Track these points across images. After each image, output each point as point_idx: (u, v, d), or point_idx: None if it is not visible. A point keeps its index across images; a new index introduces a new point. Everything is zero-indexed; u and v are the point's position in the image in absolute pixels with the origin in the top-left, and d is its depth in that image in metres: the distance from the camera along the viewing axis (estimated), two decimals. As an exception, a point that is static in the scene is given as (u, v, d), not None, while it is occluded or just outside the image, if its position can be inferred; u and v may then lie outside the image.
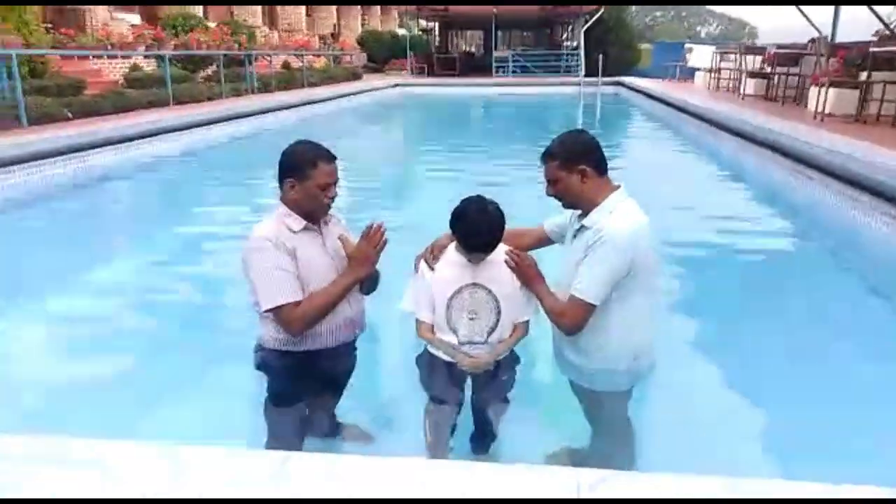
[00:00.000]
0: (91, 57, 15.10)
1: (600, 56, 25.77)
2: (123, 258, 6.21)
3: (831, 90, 10.40)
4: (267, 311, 2.54)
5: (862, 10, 13.91)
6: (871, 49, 10.24)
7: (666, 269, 5.39)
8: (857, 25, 15.05)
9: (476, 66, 32.01)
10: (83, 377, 3.83)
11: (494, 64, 29.47)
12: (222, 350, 4.07)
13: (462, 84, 26.96)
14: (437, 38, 37.58)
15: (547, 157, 2.54)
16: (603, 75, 25.42)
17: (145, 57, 15.73)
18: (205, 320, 4.71)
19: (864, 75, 10.23)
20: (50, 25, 14.28)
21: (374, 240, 2.64)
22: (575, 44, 30.94)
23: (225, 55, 16.47)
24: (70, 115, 10.79)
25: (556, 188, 2.53)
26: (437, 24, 37.22)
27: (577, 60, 28.89)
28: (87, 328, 4.55)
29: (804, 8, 15.32)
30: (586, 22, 29.03)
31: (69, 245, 6.51)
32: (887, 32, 13.53)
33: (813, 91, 11.12)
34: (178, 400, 3.56)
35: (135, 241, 6.86)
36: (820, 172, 7.86)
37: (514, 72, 29.30)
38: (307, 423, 2.84)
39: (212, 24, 19.20)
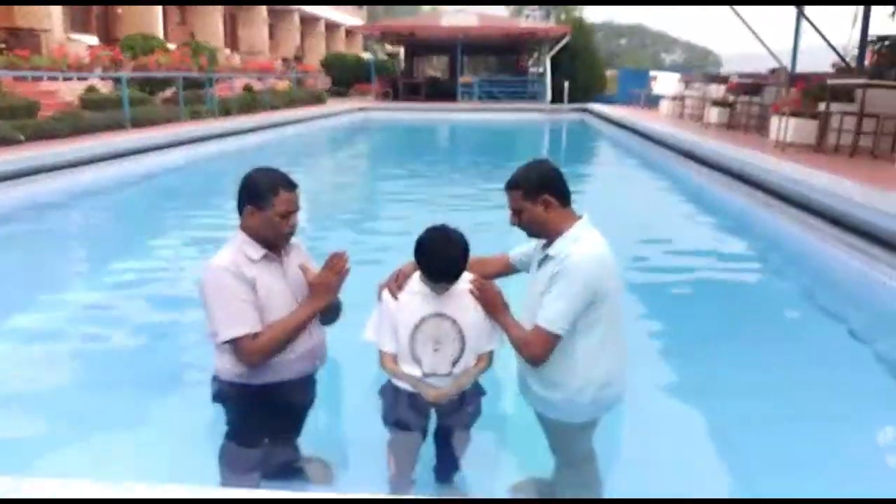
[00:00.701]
0: (45, 78, 14.81)
1: (566, 83, 26.11)
2: (75, 286, 6.04)
3: (791, 120, 10.62)
4: (224, 342, 2.48)
5: (819, 41, 14.33)
6: (829, 81, 10.49)
7: (631, 297, 5.38)
8: (816, 56, 15.51)
9: (442, 92, 32.18)
10: (33, 414, 3.68)
11: (460, 89, 29.69)
12: (177, 382, 3.98)
13: (427, 109, 27.04)
14: (403, 63, 37.80)
15: (511, 187, 2.55)
16: (569, 102, 25.77)
17: (102, 78, 15.47)
18: (160, 350, 4.56)
19: (822, 106, 10.46)
20: (3, 46, 14.00)
21: (336, 268, 2.60)
22: (541, 70, 31.33)
23: (185, 77, 16.28)
24: (22, 137, 10.50)
25: (520, 218, 2.55)
26: (402, 48, 37.46)
27: (543, 87, 29.20)
28: (37, 358, 4.40)
29: (765, 39, 15.75)
30: (552, 48, 29.42)
31: (21, 272, 6.28)
32: (843, 65, 13.96)
33: (774, 120, 11.34)
34: (132, 435, 3.43)
35: (87, 269, 6.68)
36: (779, 200, 7.97)
37: (480, 97, 29.54)
38: (266, 457, 2.74)
39: (172, 46, 19.01)
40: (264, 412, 2.63)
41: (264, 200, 2.51)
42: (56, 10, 17.80)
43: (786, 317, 5.53)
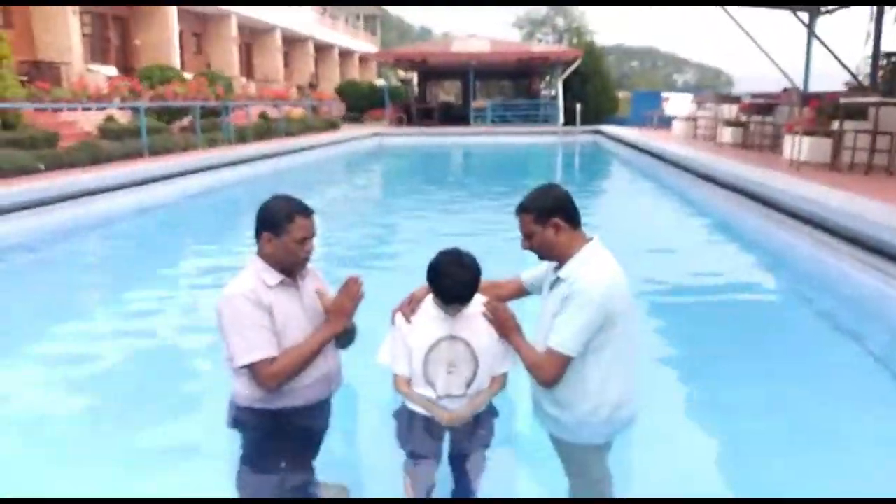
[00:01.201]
0: (65, 109, 15.07)
1: (578, 105, 26.21)
2: (93, 313, 6.11)
3: (805, 139, 10.61)
4: (241, 366, 2.49)
5: (831, 60, 14.33)
6: (842, 99, 10.49)
7: (644, 318, 5.37)
8: (828, 75, 15.51)
9: (454, 116, 32.40)
10: (52, 438, 3.73)
11: (473, 114, 29.85)
12: (195, 407, 4.00)
13: (441, 134, 27.21)
14: (416, 89, 38.12)
15: (521, 211, 2.58)
16: (581, 124, 25.84)
17: (121, 108, 15.73)
18: (178, 376, 4.58)
19: (836, 124, 10.45)
20: (25, 78, 14.28)
21: (351, 293, 2.62)
22: (553, 93, 31.48)
23: (201, 106, 16.51)
24: (42, 167, 10.68)
25: (531, 241, 2.57)
26: (415, 74, 37.81)
27: (555, 110, 29.33)
28: (54, 384, 4.44)
29: (777, 59, 15.77)
30: (564, 72, 29.59)
31: (46, 298, 6.37)
32: (856, 83, 13.94)
33: (788, 139, 11.34)
34: (148, 461, 3.46)
35: (105, 296, 6.73)
36: (794, 218, 7.93)
37: (493, 121, 29.68)
38: (282, 482, 2.72)
39: (189, 76, 19.31)
40: (281, 437, 2.63)
41: (281, 227, 2.54)
42: (76, 43, 18.18)
43: (799, 335, 5.49)
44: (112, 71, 19.99)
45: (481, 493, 2.84)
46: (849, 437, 3.73)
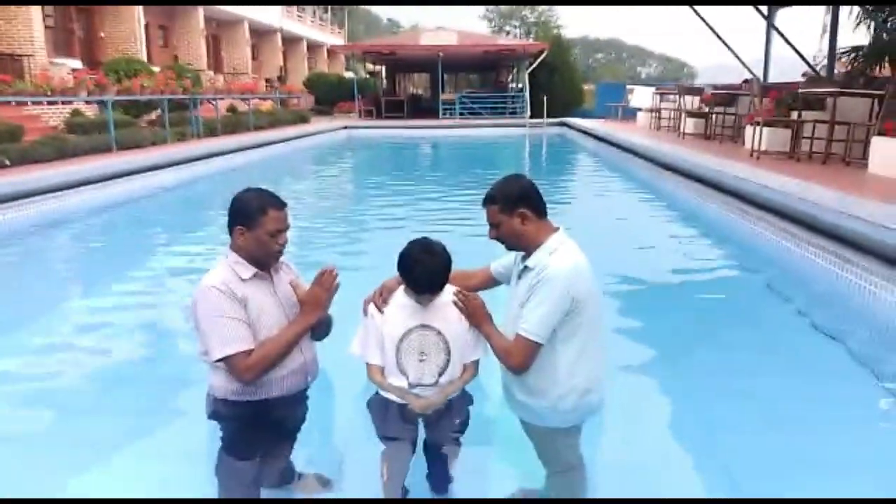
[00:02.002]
0: (29, 103, 14.80)
1: (545, 97, 26.38)
2: (64, 310, 6.04)
3: (765, 129, 10.84)
4: (217, 360, 2.51)
5: (789, 51, 14.62)
6: (800, 90, 10.74)
7: (611, 305, 5.50)
8: (787, 66, 15.82)
9: (423, 109, 32.41)
10: (28, 433, 3.72)
11: (441, 106, 29.87)
12: (171, 400, 4.01)
13: (410, 126, 27.17)
14: (385, 81, 37.99)
15: (487, 201, 2.61)
16: (548, 116, 26.00)
17: (87, 102, 15.48)
18: (152, 371, 4.60)
19: (795, 115, 10.70)
20: (-14, 71, 14.01)
21: (325, 284, 2.64)
22: (520, 86, 31.61)
23: (169, 100, 16.33)
24: (7, 162, 10.53)
25: (498, 231, 2.61)
26: (384, 67, 37.66)
27: (523, 102, 29.47)
28: (27, 380, 4.43)
29: (738, 50, 16.04)
30: (531, 64, 29.72)
31: (11, 296, 6.31)
32: (813, 74, 14.25)
33: (748, 130, 11.56)
34: (127, 454, 3.47)
35: (75, 292, 6.68)
36: (755, 207, 8.14)
37: (461, 114, 29.72)
38: (261, 472, 2.78)
39: (156, 69, 19.06)
40: (259, 428, 2.66)
41: (254, 220, 2.54)
42: (38, 35, 17.80)
43: (763, 320, 5.64)
44: (77, 64, 19.62)
45: (456, 480, 2.90)
46: (818, 421, 3.84)
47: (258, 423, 2.65)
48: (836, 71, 13.89)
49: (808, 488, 3.08)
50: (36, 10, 17.76)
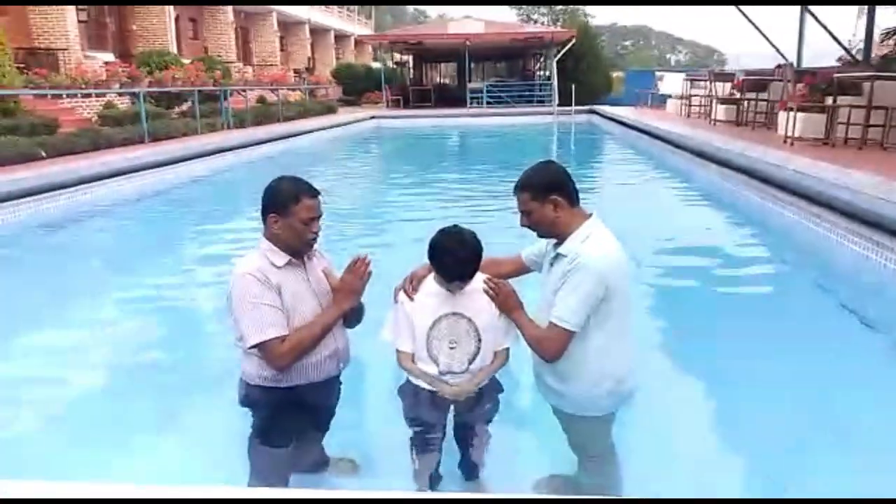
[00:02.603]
0: (64, 96, 15.05)
1: (573, 85, 26.17)
2: (99, 298, 6.14)
3: (799, 115, 10.65)
4: (252, 346, 2.53)
5: (825, 36, 14.33)
6: (835, 75, 10.53)
7: (643, 292, 5.46)
8: (820, 51, 15.49)
9: (451, 98, 32.30)
10: (64, 419, 3.80)
11: (469, 95, 29.77)
12: (205, 387, 4.06)
13: (437, 115, 27.15)
14: (412, 71, 37.96)
15: (519, 189, 2.59)
16: (576, 104, 25.79)
17: (119, 94, 15.69)
18: (187, 357, 4.67)
19: (830, 100, 10.50)
20: (23, 66, 14.26)
21: (359, 272, 2.65)
22: (547, 74, 31.39)
23: (200, 91, 16.50)
24: (44, 153, 10.73)
25: (529, 219, 2.59)
26: (411, 56, 37.62)
27: (550, 90, 29.25)
28: (64, 367, 4.52)
29: (770, 35, 15.75)
30: (558, 52, 29.48)
31: (47, 283, 6.43)
32: (850, 59, 13.95)
33: (782, 116, 11.37)
34: (161, 440, 3.53)
35: (111, 281, 6.78)
36: (792, 194, 8.02)
37: (488, 102, 29.61)
38: (293, 458, 2.81)
39: (186, 61, 19.26)
40: (291, 414, 2.68)
41: (287, 208, 2.56)
42: (73, 29, 18.06)
43: (797, 309, 5.56)
44: (109, 57, 19.89)
45: (486, 466, 2.89)
46: (851, 413, 3.76)
47: (290, 409, 2.68)
48: (872, 54, 13.58)
49: (839, 474, 3.04)
50: (70, 6, 18.02)
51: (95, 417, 3.78)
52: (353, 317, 2.80)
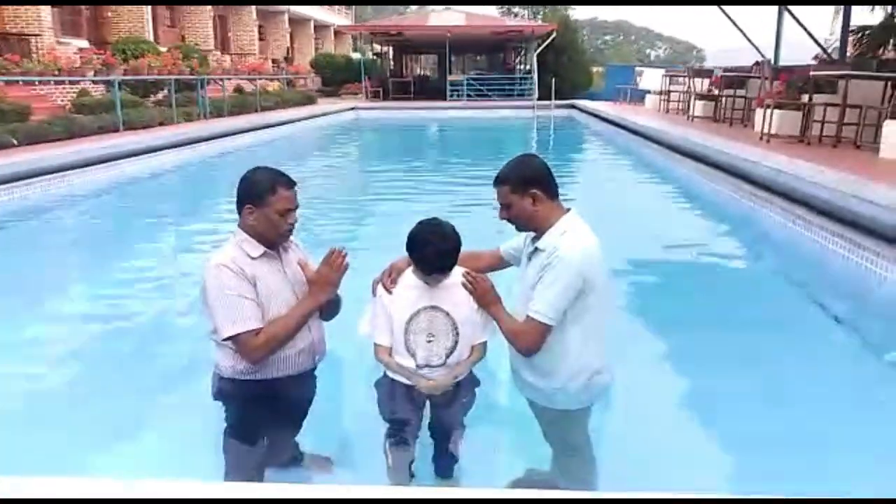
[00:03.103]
0: (37, 82, 14.79)
1: (553, 79, 26.22)
2: (73, 290, 6.08)
3: (776, 112, 10.75)
4: (225, 339, 2.50)
5: (802, 34, 14.48)
6: (812, 73, 10.63)
7: (620, 287, 5.49)
8: (798, 49, 15.66)
9: (431, 90, 32.23)
10: (37, 415, 3.74)
11: (449, 88, 29.73)
12: (177, 380, 4.02)
13: (417, 108, 27.08)
14: (392, 62, 37.81)
15: (499, 181, 2.59)
16: (556, 98, 25.86)
17: (94, 82, 15.45)
18: (159, 350, 4.61)
19: (806, 98, 10.60)
20: (-6, 51, 14.00)
21: (335, 264, 2.63)
22: (528, 67, 31.43)
23: (176, 80, 16.29)
24: (16, 142, 10.54)
25: (508, 212, 2.59)
26: (391, 47, 37.46)
27: (531, 84, 29.31)
28: (38, 360, 4.44)
29: (748, 32, 15.89)
30: (539, 46, 29.51)
31: (12, 277, 6.32)
32: (825, 57, 14.11)
33: (758, 113, 11.47)
34: (133, 433, 3.49)
35: (84, 272, 6.70)
36: (766, 190, 8.10)
37: (468, 95, 29.60)
38: (267, 453, 2.78)
39: (163, 49, 19.00)
40: (265, 408, 2.65)
41: (263, 199, 2.53)
42: (46, 14, 17.71)
43: (772, 303, 5.62)
44: (84, 44, 19.55)
45: (461, 461, 2.87)
46: (822, 400, 3.84)
47: (265, 403, 2.65)
48: (848, 53, 13.74)
49: (817, 467, 3.07)
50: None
51: (68, 412, 3.72)
52: (329, 309, 2.77)
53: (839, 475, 3.00)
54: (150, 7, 23.10)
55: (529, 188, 2.51)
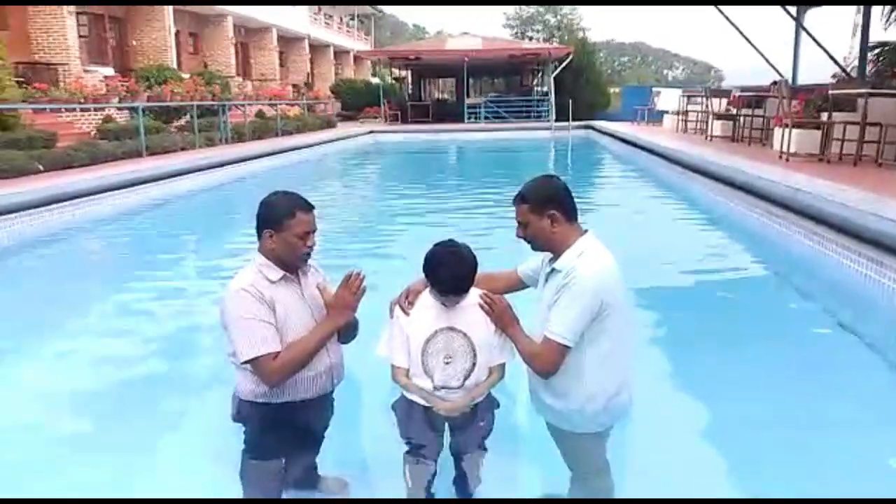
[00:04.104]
0: (63, 109, 15.10)
1: (570, 101, 26.30)
2: (95, 312, 6.13)
3: (794, 131, 10.70)
4: (244, 362, 2.52)
5: (819, 52, 14.42)
6: (830, 91, 10.59)
7: (637, 307, 5.46)
8: (816, 68, 15.61)
9: (449, 113, 32.43)
10: (58, 435, 3.77)
11: (467, 110, 29.89)
12: (198, 403, 4.06)
13: (436, 130, 27.25)
14: (410, 86, 38.10)
15: (519, 199, 2.59)
16: (573, 119, 25.91)
17: (118, 109, 15.75)
18: (181, 373, 4.65)
19: (825, 116, 10.55)
20: (22, 79, 14.32)
21: (353, 287, 2.64)
22: (545, 89, 31.55)
23: (198, 105, 16.54)
24: (41, 167, 10.74)
25: (526, 231, 2.59)
26: (409, 72, 37.76)
27: (548, 105, 29.40)
28: (60, 383, 4.48)
29: (764, 51, 15.87)
30: (556, 68, 29.64)
31: (38, 300, 6.42)
32: (844, 75, 14.03)
33: (777, 132, 11.43)
34: (154, 455, 3.52)
35: (106, 295, 6.76)
36: (787, 210, 8.03)
37: (486, 118, 29.73)
38: (285, 475, 2.79)
39: (186, 76, 19.33)
40: (283, 430, 2.66)
41: (281, 223, 2.56)
42: (73, 44, 18.14)
43: (791, 323, 5.57)
44: (109, 71, 19.96)
45: (482, 484, 2.85)
46: (835, 418, 3.81)
47: (283, 425, 2.66)
48: (867, 71, 13.67)
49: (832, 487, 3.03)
50: (71, 20, 18.12)
51: (88, 432, 3.76)
52: (347, 332, 2.78)
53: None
54: (174, 35, 23.56)
55: (548, 208, 2.52)
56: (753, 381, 4.32)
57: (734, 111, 15.29)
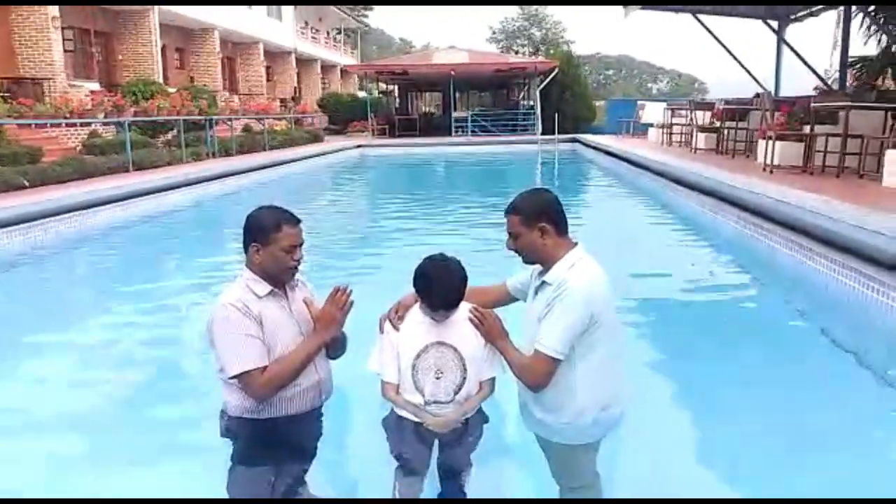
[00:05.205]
0: (48, 125, 15.03)
1: (556, 114, 26.49)
2: (80, 328, 6.09)
3: (778, 143, 10.81)
4: (232, 377, 2.51)
5: (801, 65, 14.61)
6: (812, 104, 10.71)
7: (627, 321, 5.48)
8: (798, 80, 15.81)
9: (436, 127, 32.60)
10: (45, 448, 3.75)
11: (454, 124, 30.03)
12: (185, 419, 4.03)
13: (423, 144, 27.36)
14: (398, 100, 38.26)
15: (510, 211, 2.60)
16: (559, 132, 26.09)
17: (104, 124, 15.70)
18: (167, 388, 4.63)
19: (807, 128, 10.67)
20: (7, 94, 14.26)
21: (339, 302, 2.63)
22: (531, 103, 31.76)
23: (185, 120, 16.51)
24: (27, 182, 10.68)
25: (516, 242, 2.60)
26: (396, 86, 37.94)
27: (534, 119, 29.59)
28: (42, 399, 4.46)
29: (747, 63, 16.06)
30: (542, 82, 29.84)
31: (28, 314, 6.37)
32: (825, 87, 14.23)
33: (761, 144, 11.54)
34: (139, 472, 3.48)
35: (92, 310, 6.73)
36: (770, 221, 8.11)
37: (473, 131, 29.87)
38: (273, 491, 2.74)
39: (172, 90, 19.31)
40: (272, 446, 2.64)
41: (268, 236, 2.55)
42: (58, 58, 18.07)
43: (776, 336, 5.60)
44: (95, 86, 19.91)
45: (470, 497, 2.85)
46: (831, 437, 3.80)
47: (272, 441, 2.64)
48: (848, 84, 13.85)
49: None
50: (56, 35, 18.05)
51: (70, 451, 3.74)
52: (335, 348, 2.77)
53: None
54: (160, 49, 23.53)
55: (539, 221, 2.53)
56: (744, 392, 4.33)
57: (718, 124, 15.43)
